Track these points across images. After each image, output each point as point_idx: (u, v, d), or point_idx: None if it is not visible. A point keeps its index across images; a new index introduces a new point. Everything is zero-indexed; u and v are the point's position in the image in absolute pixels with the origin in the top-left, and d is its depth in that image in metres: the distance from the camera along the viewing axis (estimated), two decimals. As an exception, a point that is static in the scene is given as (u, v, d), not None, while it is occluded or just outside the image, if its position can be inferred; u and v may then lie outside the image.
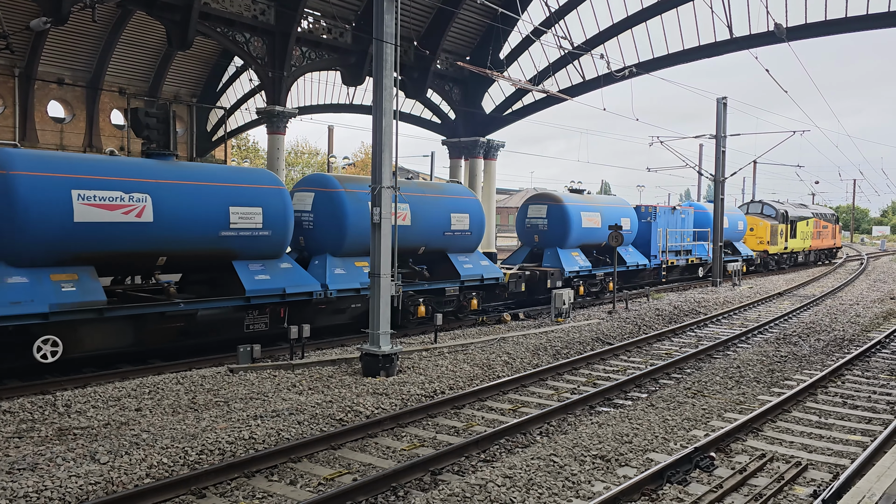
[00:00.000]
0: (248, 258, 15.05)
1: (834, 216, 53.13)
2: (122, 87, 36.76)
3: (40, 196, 11.92)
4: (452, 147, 37.24)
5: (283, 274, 15.40)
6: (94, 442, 8.88)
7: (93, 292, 12.49)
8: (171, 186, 13.75)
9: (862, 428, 10.39)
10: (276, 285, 15.05)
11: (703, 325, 20.32)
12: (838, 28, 26.71)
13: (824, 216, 49.47)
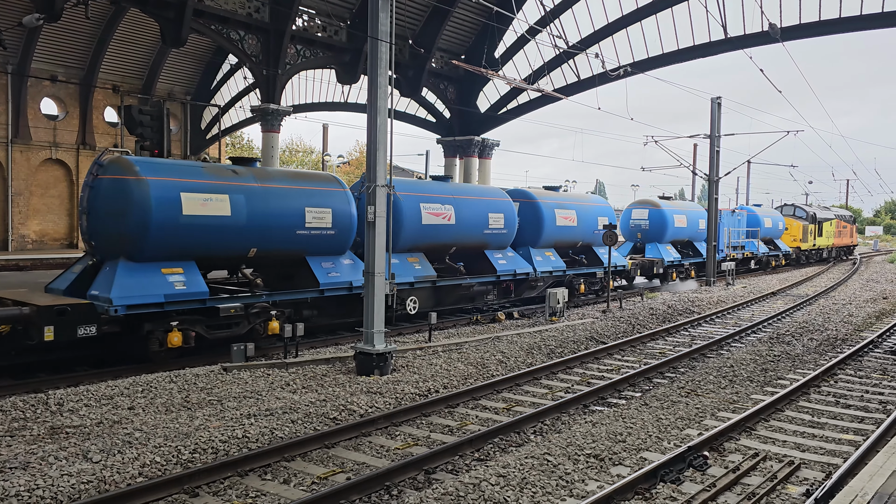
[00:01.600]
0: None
1: (851, 217, 59.35)
2: (115, 85, 36.63)
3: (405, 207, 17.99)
4: (447, 146, 37.24)
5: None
6: (87, 441, 8.84)
7: (428, 270, 18.58)
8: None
9: (854, 427, 10.43)
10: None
11: (697, 325, 20.37)
12: (832, 28, 26.81)
13: (844, 217, 55.73)
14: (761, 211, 41.74)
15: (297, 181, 16.32)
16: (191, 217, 13.77)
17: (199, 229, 13.92)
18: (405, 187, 18.62)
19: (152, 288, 13.19)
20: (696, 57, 30.54)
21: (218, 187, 14.40)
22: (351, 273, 16.72)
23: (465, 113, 35.76)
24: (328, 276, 16.29)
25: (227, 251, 14.72)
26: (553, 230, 23.24)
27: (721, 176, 33.02)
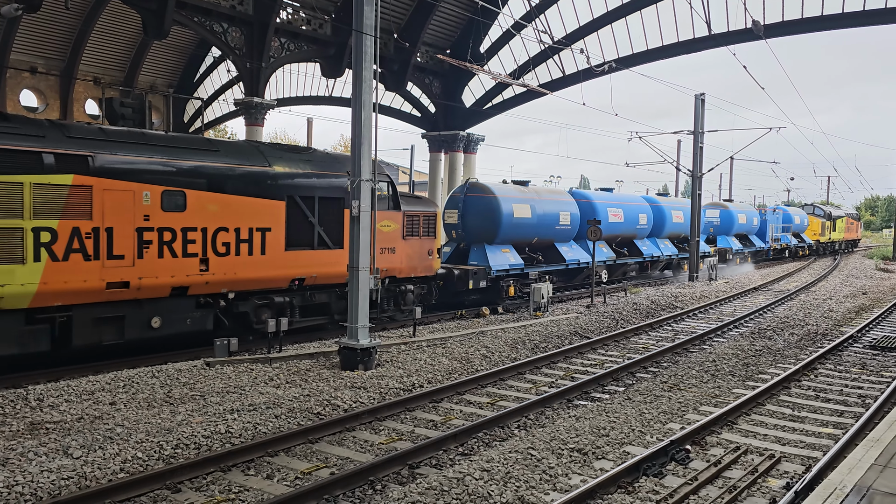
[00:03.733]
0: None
1: (857, 216, 70.41)
2: (96, 77, 36.21)
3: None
4: (432, 140, 37.17)
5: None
6: (67, 436, 8.75)
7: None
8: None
9: (834, 421, 10.56)
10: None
11: (680, 320, 20.51)
12: (815, 26, 27.04)
13: (852, 216, 66.33)
14: (792, 210, 51.17)
15: (553, 195, 25.25)
16: (516, 219, 22.03)
17: (518, 226, 22.21)
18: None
19: (502, 261, 21.65)
20: (680, 53, 30.68)
21: (524, 200, 22.72)
22: (577, 254, 25.28)
23: (450, 108, 35.71)
24: (568, 256, 24.70)
25: (526, 239, 23.12)
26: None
27: (704, 172, 33.25)
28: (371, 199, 13.25)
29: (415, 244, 18.05)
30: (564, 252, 24.84)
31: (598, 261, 25.65)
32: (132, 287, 12.40)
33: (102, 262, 11.98)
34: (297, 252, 14.92)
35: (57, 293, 11.46)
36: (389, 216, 17.16)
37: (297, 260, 14.92)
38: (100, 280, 11.95)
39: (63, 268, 11.46)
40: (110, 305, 12.27)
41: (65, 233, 11.49)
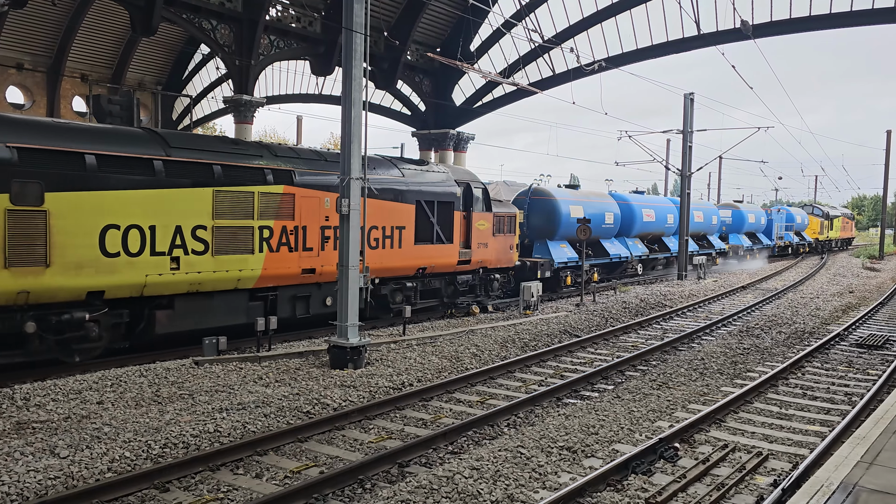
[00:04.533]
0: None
1: (851, 215, 74.58)
2: (84, 74, 35.94)
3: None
4: (422, 139, 37.14)
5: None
6: (54, 436, 8.69)
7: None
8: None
9: (821, 419, 10.64)
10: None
11: (669, 318, 20.60)
12: (803, 26, 27.21)
13: (847, 215, 70.45)
14: (794, 210, 54.80)
15: (599, 198, 28.97)
16: (571, 218, 25.22)
17: (573, 225, 24.84)
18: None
19: (562, 254, 25.35)
20: (670, 53, 30.79)
21: (577, 202, 26.48)
22: (619, 249, 29.16)
23: (440, 106, 35.68)
24: (611, 251, 28.50)
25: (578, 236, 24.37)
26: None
27: (693, 171, 33.40)
28: (361, 196, 13.23)
29: (501, 240, 21.15)
30: (608, 247, 28.93)
31: (634, 256, 30.69)
32: (317, 273, 15.54)
33: (299, 253, 15.07)
34: (422, 246, 18.08)
35: (271, 277, 14.58)
36: (484, 216, 20.34)
37: (421, 252, 18.12)
38: (297, 267, 15.09)
39: (276, 257, 14.60)
40: (302, 287, 15.43)
41: (277, 230, 14.62)
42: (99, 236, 11.88)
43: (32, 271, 11.04)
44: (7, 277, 10.75)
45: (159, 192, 12.63)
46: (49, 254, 11.24)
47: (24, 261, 10.94)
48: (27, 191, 10.98)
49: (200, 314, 13.57)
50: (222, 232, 13.58)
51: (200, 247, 13.25)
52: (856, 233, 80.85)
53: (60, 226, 11.38)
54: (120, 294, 12.30)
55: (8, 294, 10.86)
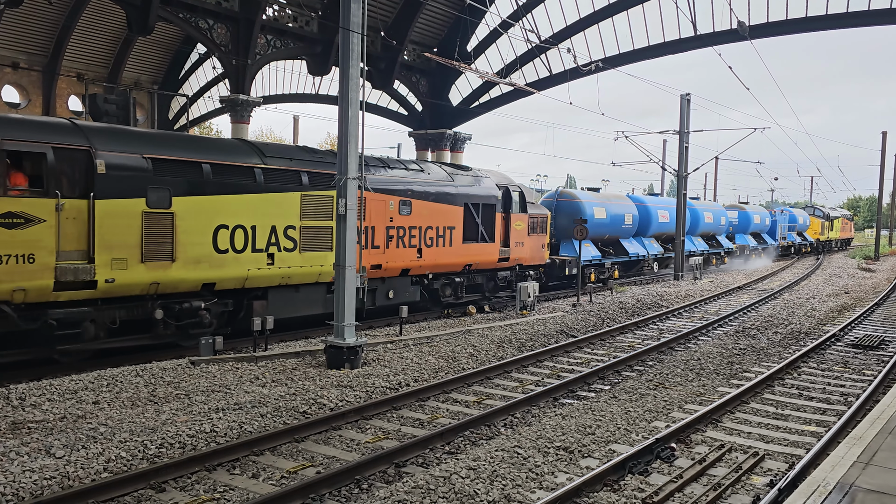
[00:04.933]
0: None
1: (850, 216, 76.86)
2: (80, 73, 35.83)
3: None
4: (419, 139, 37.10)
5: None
6: (50, 436, 8.66)
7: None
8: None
9: (817, 419, 10.66)
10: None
11: (665, 318, 20.62)
12: (799, 27, 27.26)
13: (846, 216, 72.64)
14: (796, 211, 56.88)
15: (619, 200, 31.15)
16: (595, 219, 27.24)
17: (597, 225, 27.42)
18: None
19: (586, 252, 26.55)
20: (666, 53, 30.81)
21: (600, 204, 28.38)
22: (637, 248, 30.98)
23: (437, 106, 35.64)
24: (630, 250, 30.52)
25: (601, 235, 28.56)
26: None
27: (690, 172, 33.45)
28: (358, 196, 13.21)
29: (535, 239, 22.72)
30: (627, 246, 30.97)
31: (651, 254, 32.68)
32: (383, 268, 17.11)
33: (369, 251, 16.51)
34: (469, 244, 19.77)
35: None
36: (520, 217, 21.82)
37: (468, 250, 19.82)
38: (367, 263, 16.07)
39: None
40: (370, 281, 16.51)
41: None
42: (212, 235, 13.55)
43: (161, 265, 12.76)
44: (143, 270, 12.51)
45: (259, 196, 14.26)
46: (174, 250, 12.94)
47: (155, 256, 12.66)
48: (158, 196, 12.68)
49: (288, 304, 15.28)
50: (308, 231, 15.26)
51: (290, 244, 14.97)
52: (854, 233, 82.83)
53: (183, 226, 13.04)
54: (227, 286, 14.04)
55: (143, 285, 12.62)
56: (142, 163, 12.45)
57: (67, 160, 11.59)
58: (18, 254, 10.98)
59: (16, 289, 11.03)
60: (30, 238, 11.11)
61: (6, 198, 10.94)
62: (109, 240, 11.97)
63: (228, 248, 13.75)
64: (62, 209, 11.36)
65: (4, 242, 10.89)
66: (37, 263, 11.16)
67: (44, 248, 11.24)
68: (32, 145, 11.31)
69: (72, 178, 11.62)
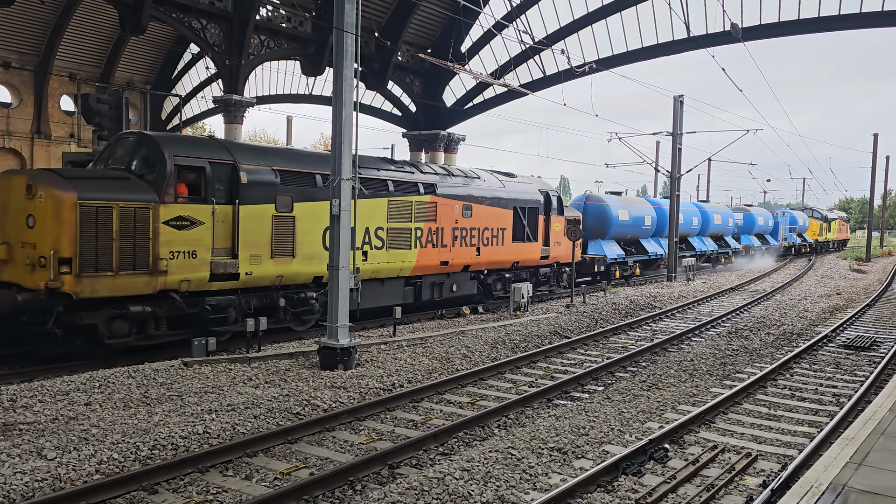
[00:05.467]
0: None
1: (847, 218, 79.25)
2: (72, 72, 35.67)
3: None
4: (413, 140, 37.09)
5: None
6: (41, 437, 8.61)
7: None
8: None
9: (809, 419, 10.70)
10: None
11: (659, 319, 20.67)
12: (791, 29, 27.37)
13: (843, 218, 74.91)
14: (796, 213, 58.91)
15: (640, 203, 34.45)
16: (620, 221, 30.04)
17: (621, 226, 30.18)
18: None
19: (612, 252, 29.38)
20: (660, 55, 30.88)
21: (624, 206, 30.99)
22: (655, 248, 33.41)
23: (430, 107, 35.64)
24: (650, 249, 32.91)
25: (624, 235, 31.19)
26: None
27: (683, 173, 33.55)
28: (351, 197, 13.18)
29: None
30: (647, 246, 33.34)
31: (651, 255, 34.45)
32: (449, 265, 19.44)
33: (438, 249, 18.96)
34: (517, 244, 21.97)
35: (420, 267, 18.54)
36: (558, 219, 24.14)
37: (517, 249, 22.04)
38: (437, 260, 19.01)
39: (424, 252, 18.55)
40: (438, 276, 19.33)
41: (425, 231, 18.53)
42: (322, 235, 15.56)
43: (285, 261, 14.93)
44: (272, 265, 14.64)
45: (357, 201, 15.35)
46: (294, 248, 15.13)
47: (281, 253, 14.82)
48: (284, 202, 14.84)
49: (376, 295, 17.48)
50: (393, 232, 17.57)
51: (379, 243, 17.28)
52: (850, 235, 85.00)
53: (301, 227, 15.20)
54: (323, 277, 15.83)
55: (272, 277, 14.75)
56: (272, 175, 14.67)
57: (219, 173, 13.82)
58: (185, 250, 13.15)
59: (182, 279, 13.20)
60: (193, 237, 13.27)
61: (176, 204, 13.03)
62: (248, 239, 14.18)
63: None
64: (216, 214, 13.27)
65: (175, 241, 12.98)
66: (198, 258, 13.36)
67: (203, 245, 13.39)
68: (195, 160, 13.41)
69: (222, 187, 13.88)
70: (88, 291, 11.99)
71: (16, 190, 12.21)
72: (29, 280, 11.84)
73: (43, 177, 12.18)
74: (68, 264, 11.75)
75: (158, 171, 12.95)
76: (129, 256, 12.36)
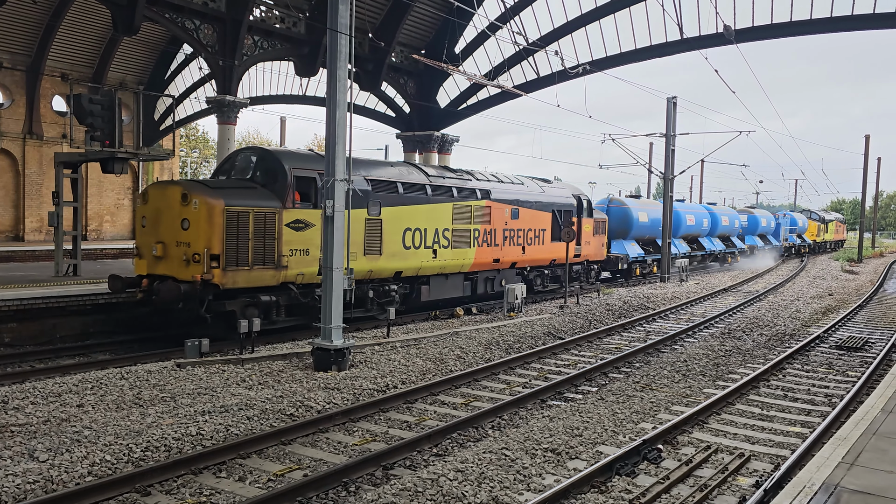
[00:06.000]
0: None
1: (843, 220, 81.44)
2: (64, 73, 35.53)
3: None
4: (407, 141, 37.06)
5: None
6: (33, 439, 8.57)
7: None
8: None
9: (802, 420, 10.74)
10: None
11: (652, 320, 20.71)
12: (784, 31, 27.48)
13: (840, 220, 77.60)
14: (796, 215, 61.53)
15: (655, 205, 35.47)
16: (640, 223, 32.13)
17: (640, 227, 32.29)
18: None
19: (633, 251, 31.59)
20: (653, 56, 30.94)
21: (643, 209, 32.97)
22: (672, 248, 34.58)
23: (424, 108, 35.63)
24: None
25: (643, 236, 33.25)
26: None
27: (676, 174, 33.63)
28: (346, 199, 13.16)
29: (597, 239, 27.49)
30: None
31: (681, 252, 36.90)
32: (500, 262, 21.83)
33: (492, 248, 21.33)
34: (554, 243, 24.26)
35: (477, 264, 20.94)
36: (588, 221, 26.34)
37: (554, 248, 24.35)
38: (491, 258, 21.39)
39: (480, 251, 20.91)
40: (491, 272, 21.82)
41: (481, 231, 20.90)
42: (402, 235, 17.84)
43: (374, 258, 17.21)
44: (364, 261, 16.90)
45: (427, 206, 18.86)
46: (381, 247, 17.36)
47: (371, 251, 17.10)
48: (374, 207, 17.07)
49: (441, 288, 19.94)
50: (456, 232, 19.89)
51: (446, 242, 19.54)
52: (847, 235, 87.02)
53: (387, 229, 17.43)
54: (408, 274, 18.52)
55: (364, 272, 16.93)
56: (365, 184, 16.88)
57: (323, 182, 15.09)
58: (300, 248, 15.39)
59: (298, 273, 15.39)
60: (306, 237, 15.47)
61: (294, 209, 15.23)
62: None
63: (411, 246, 18.29)
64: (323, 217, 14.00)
65: (293, 241, 15.20)
66: (310, 255, 15.50)
67: (314, 244, 15.46)
68: (308, 172, 15.59)
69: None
70: (231, 283, 14.25)
71: (171, 198, 14.36)
72: (184, 273, 13.99)
73: (195, 187, 14.36)
74: (217, 260, 13.97)
75: (280, 181, 15.15)
76: (260, 253, 14.65)
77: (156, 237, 14.59)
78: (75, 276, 19.52)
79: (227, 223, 14.03)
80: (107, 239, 38.97)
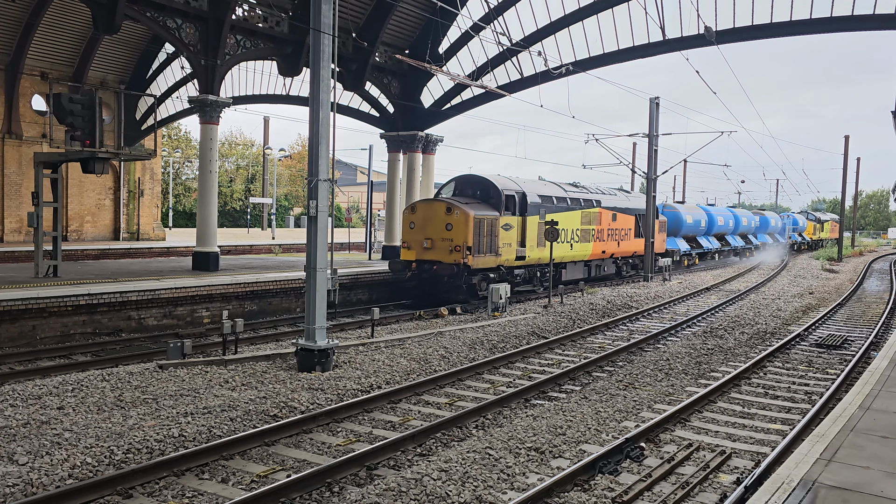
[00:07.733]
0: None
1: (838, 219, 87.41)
2: (44, 72, 35.12)
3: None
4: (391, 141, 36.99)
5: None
6: (13, 442, 8.48)
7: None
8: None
9: (782, 417, 10.86)
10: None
11: (635, 319, 20.84)
12: (764, 33, 27.73)
13: (835, 220, 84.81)
14: (797, 216, 69.13)
15: (695, 209, 43.40)
16: (687, 223, 40.61)
17: (687, 227, 40.82)
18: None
19: (683, 246, 40.78)
20: (636, 57, 31.08)
21: (688, 212, 41.28)
22: (708, 244, 43.95)
23: (408, 108, 35.58)
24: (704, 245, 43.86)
25: (688, 234, 41.72)
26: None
27: (659, 174, 33.85)
28: (329, 198, 13.14)
29: (661, 236, 34.13)
30: (702, 242, 43.95)
31: (714, 248, 45.00)
32: (605, 253, 29.39)
33: (600, 242, 28.67)
34: (636, 240, 32.30)
35: (592, 255, 28.40)
36: (657, 222, 33.10)
37: (636, 243, 32.39)
38: (600, 250, 28.95)
39: (595, 245, 28.40)
40: (598, 261, 29.35)
41: (595, 231, 28.22)
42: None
43: (541, 250, 24.15)
44: (537, 252, 24.15)
45: (569, 212, 26.08)
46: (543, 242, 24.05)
47: (541, 245, 24.18)
48: (542, 214, 24.31)
49: (571, 271, 27.11)
50: (581, 232, 27.13)
51: (577, 239, 26.77)
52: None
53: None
54: (556, 261, 24.91)
55: (535, 259, 24.24)
56: (537, 198, 24.45)
57: (519, 198, 23.65)
58: (507, 243, 22.64)
59: (505, 259, 22.65)
60: (509, 235, 22.78)
61: (505, 216, 22.56)
62: (529, 237, 23.85)
63: (560, 241, 24.17)
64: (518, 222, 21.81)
65: (505, 236, 22.46)
66: (511, 247, 22.87)
67: (513, 240, 22.97)
68: (510, 192, 23.17)
69: (518, 206, 23.55)
70: (476, 265, 21.29)
71: (438, 210, 21.44)
72: (448, 258, 21.00)
73: (455, 203, 21.38)
74: (469, 250, 20.87)
75: (495, 198, 22.70)
76: (487, 246, 21.74)
77: (425, 235, 21.45)
78: (55, 277, 19.30)
79: (475, 226, 21.07)
80: (88, 240, 38.58)
